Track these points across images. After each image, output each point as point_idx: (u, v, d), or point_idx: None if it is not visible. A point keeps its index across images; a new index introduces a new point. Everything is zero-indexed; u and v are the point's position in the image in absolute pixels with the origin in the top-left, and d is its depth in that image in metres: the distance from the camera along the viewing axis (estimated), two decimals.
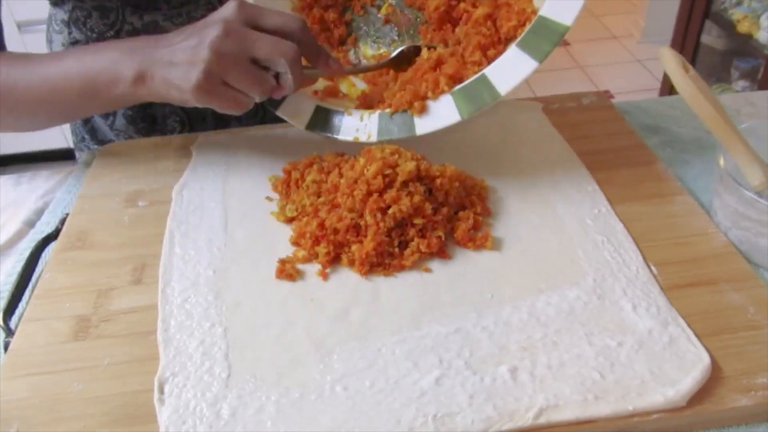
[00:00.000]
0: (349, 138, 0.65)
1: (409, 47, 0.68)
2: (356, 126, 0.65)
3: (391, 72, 0.69)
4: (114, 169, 0.72)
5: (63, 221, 0.66)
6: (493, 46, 0.64)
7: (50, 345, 0.52)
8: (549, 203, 0.63)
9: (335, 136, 0.65)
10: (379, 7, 0.72)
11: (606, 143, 0.72)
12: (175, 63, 0.56)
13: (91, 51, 0.61)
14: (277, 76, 0.59)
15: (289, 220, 0.62)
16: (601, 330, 0.50)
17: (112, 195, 0.68)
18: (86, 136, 0.86)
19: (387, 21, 0.73)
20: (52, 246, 0.63)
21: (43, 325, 0.54)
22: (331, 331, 0.51)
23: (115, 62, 0.59)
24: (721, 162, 0.59)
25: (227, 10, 0.56)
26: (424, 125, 0.62)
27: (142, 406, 0.47)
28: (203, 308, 0.54)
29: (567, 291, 0.53)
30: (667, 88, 2.29)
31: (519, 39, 0.59)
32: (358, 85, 0.72)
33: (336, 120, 0.66)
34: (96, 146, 0.84)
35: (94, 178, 0.71)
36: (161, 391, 0.47)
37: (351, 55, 0.74)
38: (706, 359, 0.47)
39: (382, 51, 0.74)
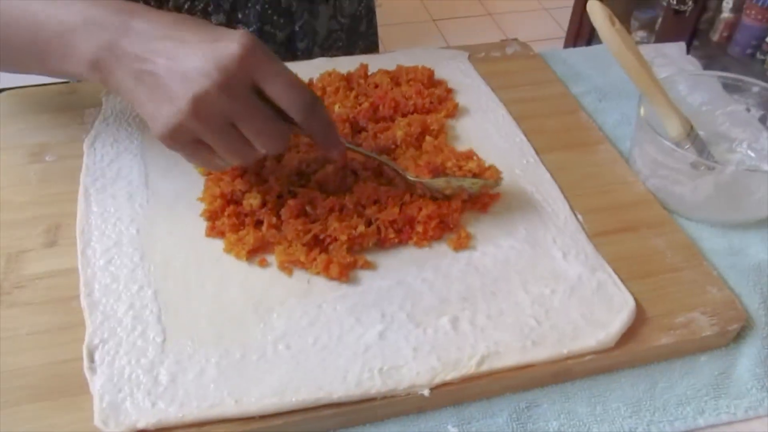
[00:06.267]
0: None
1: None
2: None
3: None
4: (13, 120, 0.66)
5: None
6: None
7: None
8: (479, 154, 0.63)
9: None
10: None
11: (531, 92, 0.73)
12: (145, 80, 0.43)
13: None
14: None
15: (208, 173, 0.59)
16: (536, 278, 0.51)
17: (14, 149, 0.62)
18: None
19: None
20: None
21: None
22: (269, 288, 0.50)
23: (74, 31, 0.44)
24: (641, 112, 0.61)
25: (234, 51, 0.42)
26: None
27: (71, 376, 0.44)
28: (129, 269, 0.51)
29: (501, 240, 0.54)
30: (572, 37, 2.34)
31: None
32: None
33: None
34: None
35: None
36: (91, 360, 0.44)
37: None
38: (631, 302, 0.49)
39: None
